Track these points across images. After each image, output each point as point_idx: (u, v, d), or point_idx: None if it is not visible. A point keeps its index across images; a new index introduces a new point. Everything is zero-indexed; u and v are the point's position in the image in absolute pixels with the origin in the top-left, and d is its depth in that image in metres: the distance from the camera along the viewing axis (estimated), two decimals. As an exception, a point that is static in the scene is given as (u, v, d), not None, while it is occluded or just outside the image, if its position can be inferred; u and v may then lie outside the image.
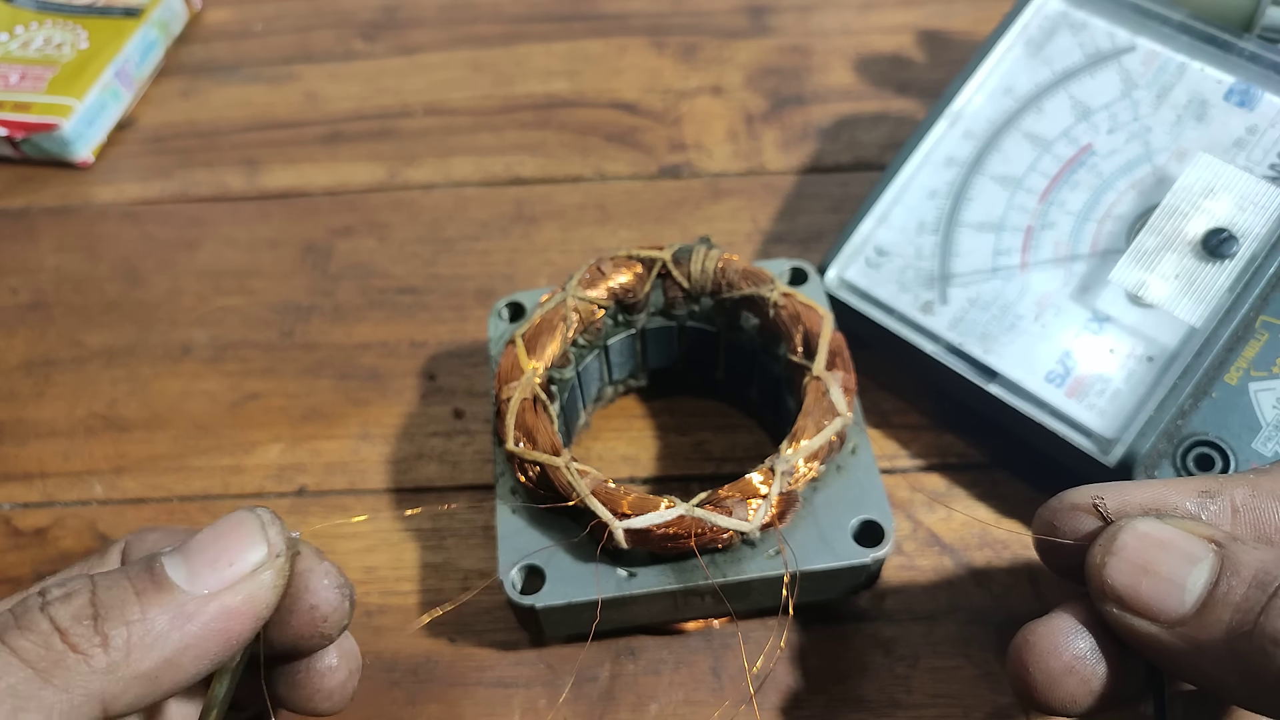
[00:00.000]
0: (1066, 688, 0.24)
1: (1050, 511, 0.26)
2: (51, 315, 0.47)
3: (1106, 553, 0.24)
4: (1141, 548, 0.23)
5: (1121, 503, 0.25)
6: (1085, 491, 0.25)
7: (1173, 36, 0.38)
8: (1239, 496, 0.25)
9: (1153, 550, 0.23)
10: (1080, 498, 0.25)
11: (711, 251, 0.36)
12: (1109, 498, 0.25)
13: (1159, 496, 0.25)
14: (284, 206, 0.51)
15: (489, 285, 0.47)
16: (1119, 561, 0.23)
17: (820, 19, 0.58)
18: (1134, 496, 0.25)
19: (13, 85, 0.53)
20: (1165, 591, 0.23)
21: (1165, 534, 0.23)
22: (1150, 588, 0.23)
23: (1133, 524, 0.24)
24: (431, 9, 0.61)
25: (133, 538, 0.29)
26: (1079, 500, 0.25)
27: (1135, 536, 0.24)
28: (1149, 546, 0.23)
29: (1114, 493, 0.25)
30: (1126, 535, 0.24)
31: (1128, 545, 0.24)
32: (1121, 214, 0.37)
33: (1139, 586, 0.23)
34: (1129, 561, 0.23)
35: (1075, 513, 0.25)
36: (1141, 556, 0.23)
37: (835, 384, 0.33)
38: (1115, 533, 0.24)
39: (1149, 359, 0.35)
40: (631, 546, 0.30)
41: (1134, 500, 0.25)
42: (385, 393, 0.43)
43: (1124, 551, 0.23)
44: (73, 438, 0.43)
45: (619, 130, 0.53)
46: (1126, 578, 0.23)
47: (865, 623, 0.36)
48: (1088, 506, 0.25)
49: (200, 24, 0.61)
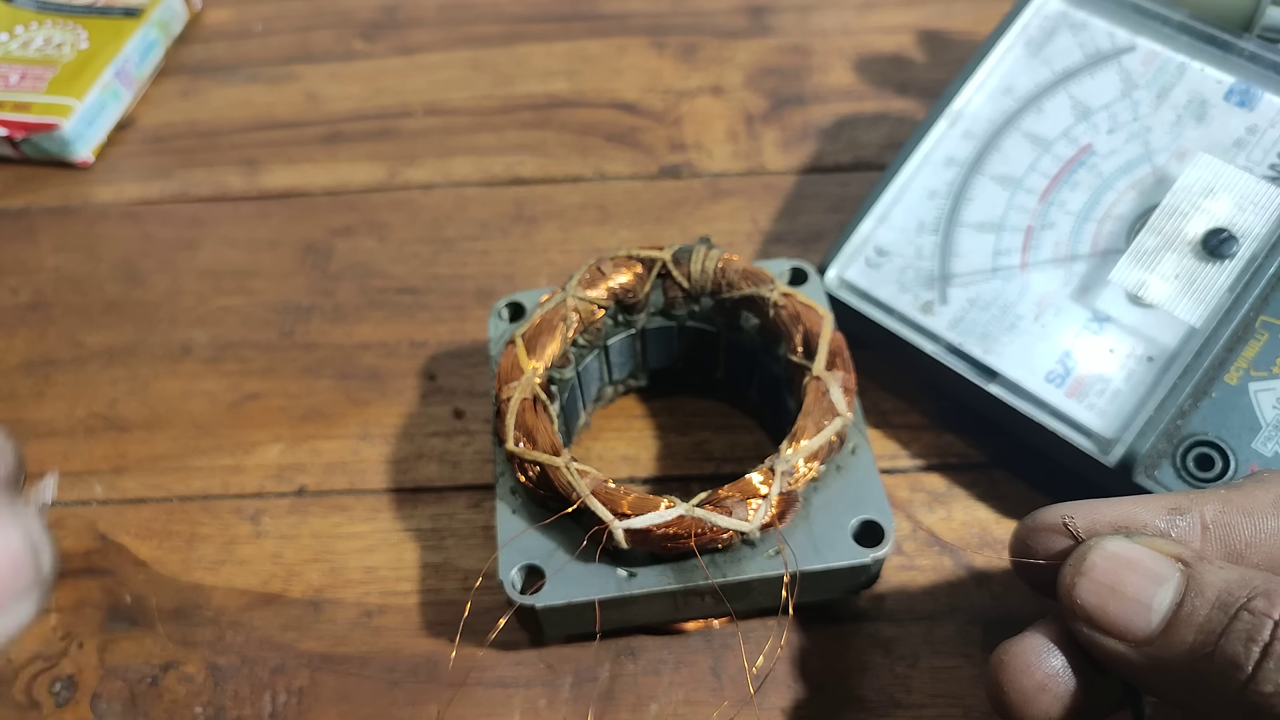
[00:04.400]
0: (1040, 705, 0.24)
1: (1024, 531, 0.26)
2: (51, 315, 0.47)
3: (1076, 573, 0.24)
4: (1110, 568, 0.24)
5: (1092, 521, 0.25)
6: (1056, 511, 0.26)
7: (1173, 36, 0.38)
8: (1209, 513, 0.25)
9: (1120, 570, 0.24)
10: (1051, 517, 0.26)
11: (711, 251, 0.36)
12: (1079, 516, 0.25)
13: (1129, 514, 0.25)
14: (284, 206, 0.51)
15: (489, 285, 0.47)
16: (1088, 581, 0.24)
17: (820, 19, 0.58)
18: (1104, 514, 0.25)
19: (13, 85, 0.53)
20: (1132, 611, 0.23)
21: (1133, 554, 0.24)
22: (1118, 608, 0.23)
23: (1102, 544, 0.24)
24: (431, 9, 0.61)
25: None
26: (1050, 520, 0.26)
27: (1104, 556, 0.24)
28: (1117, 566, 0.24)
29: (1085, 511, 0.25)
30: (1095, 555, 0.24)
31: (1096, 565, 0.24)
32: (1121, 214, 0.37)
33: (1107, 606, 0.23)
34: (1097, 581, 0.24)
35: (1047, 532, 0.26)
36: (1110, 576, 0.24)
37: (835, 384, 0.33)
38: (1085, 553, 0.24)
39: (1149, 359, 0.35)
40: (631, 546, 0.30)
41: (1104, 518, 0.25)
42: (385, 393, 0.43)
43: (1093, 571, 0.24)
44: (73, 438, 0.43)
45: (619, 130, 0.53)
46: (1095, 598, 0.24)
47: (865, 623, 0.36)
48: (1059, 526, 0.25)
49: (200, 24, 0.61)
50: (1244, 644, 0.21)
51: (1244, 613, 0.21)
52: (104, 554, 0.39)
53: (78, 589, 0.38)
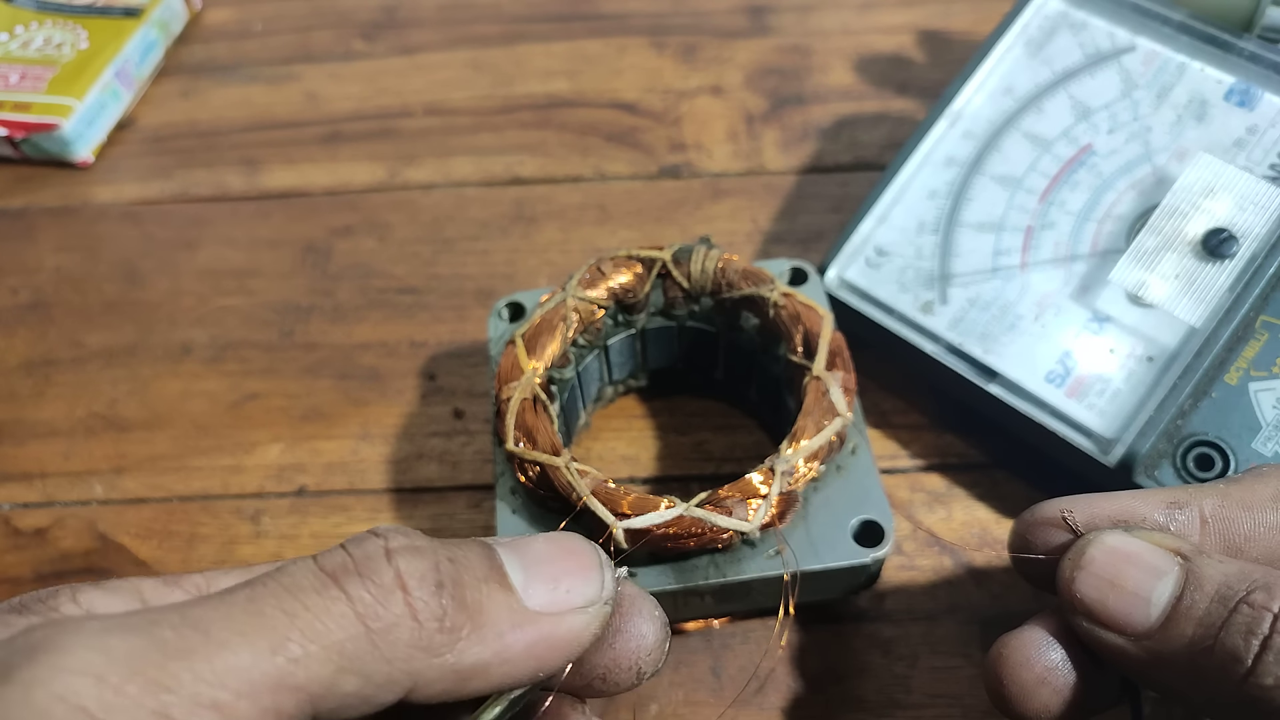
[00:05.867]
0: (1040, 698, 0.24)
1: (1023, 525, 0.26)
2: (51, 315, 0.47)
3: (1075, 567, 0.24)
4: (1109, 562, 0.24)
5: (1091, 515, 0.25)
6: (1055, 505, 0.26)
7: (1173, 36, 0.38)
8: (1208, 507, 0.25)
9: (1119, 564, 0.24)
10: (1050, 512, 0.26)
11: (711, 251, 0.36)
12: (1079, 510, 0.25)
13: (1128, 508, 0.25)
14: (284, 206, 0.51)
15: (489, 285, 0.47)
16: (1087, 576, 0.24)
17: (820, 19, 0.58)
18: (1103, 509, 0.25)
19: (13, 85, 0.53)
20: (1131, 605, 0.23)
21: (1132, 548, 0.24)
22: (1117, 601, 0.23)
23: (1100, 538, 0.24)
24: (431, 9, 0.61)
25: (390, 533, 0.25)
26: (1049, 514, 0.26)
27: (1102, 550, 0.24)
28: (1116, 560, 0.24)
29: (1084, 505, 0.25)
30: (1094, 549, 0.24)
31: (1095, 559, 0.24)
32: (1121, 214, 0.37)
33: (1106, 600, 0.23)
34: (1096, 576, 0.24)
35: (1046, 527, 0.26)
36: (1108, 571, 0.24)
37: (835, 384, 0.33)
38: (1084, 547, 0.24)
39: (1149, 359, 0.35)
40: (631, 546, 0.30)
41: (1103, 512, 0.25)
42: (385, 393, 0.43)
43: (1091, 565, 0.24)
44: (73, 438, 0.43)
45: (619, 130, 0.53)
46: (1094, 592, 0.24)
47: (865, 623, 0.36)
48: (1057, 520, 0.25)
49: (200, 24, 0.61)
50: (1243, 637, 0.21)
51: (1243, 606, 0.21)
52: (104, 554, 0.39)
53: (78, 589, 0.38)
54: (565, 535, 0.22)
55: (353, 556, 0.19)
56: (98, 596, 0.20)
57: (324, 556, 0.19)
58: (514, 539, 0.22)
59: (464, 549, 0.20)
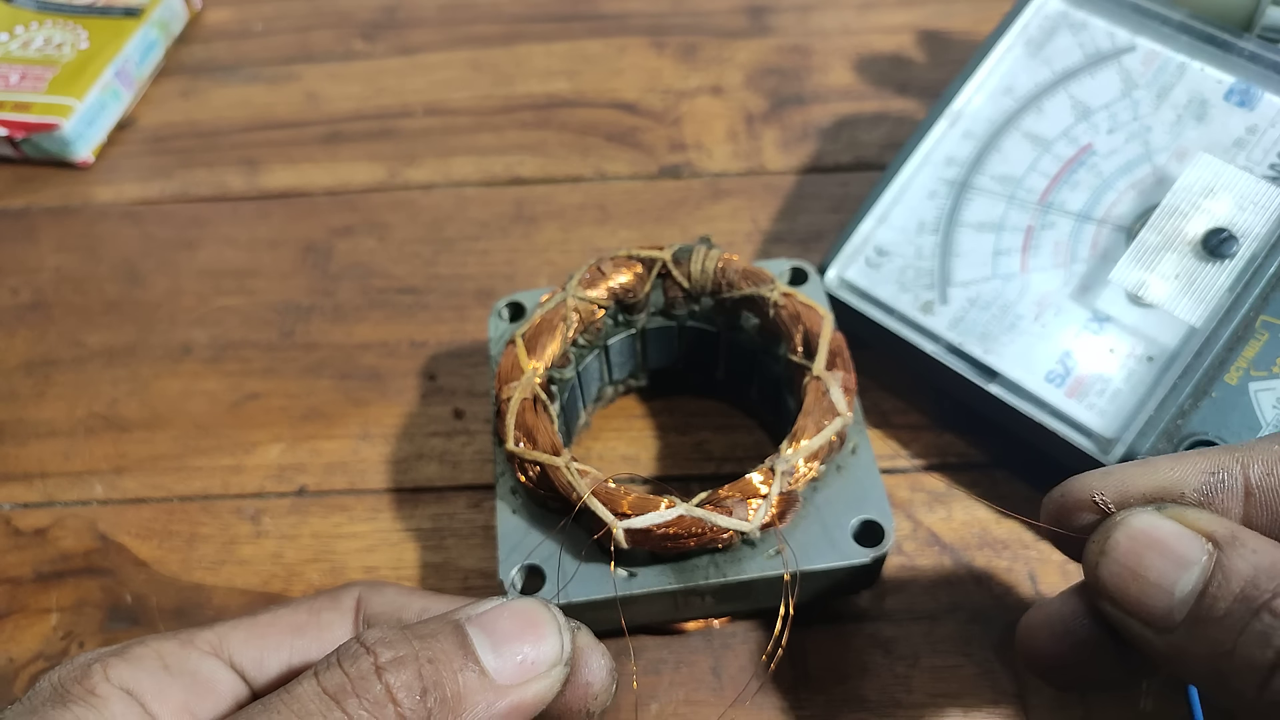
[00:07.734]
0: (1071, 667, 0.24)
1: (1054, 504, 0.25)
2: (51, 315, 0.47)
3: (1100, 552, 0.23)
4: (1133, 549, 0.23)
5: (1124, 491, 0.24)
6: (1087, 483, 0.25)
7: (1173, 36, 0.38)
8: (1255, 473, 0.23)
9: (1144, 551, 0.23)
10: (1080, 492, 0.25)
11: (711, 251, 0.36)
12: (1112, 483, 0.24)
13: (1164, 481, 0.24)
14: (284, 206, 0.51)
15: (489, 285, 0.47)
16: (1110, 562, 0.23)
17: (820, 19, 0.58)
18: (1137, 484, 0.24)
19: (13, 85, 0.53)
20: (1154, 596, 0.22)
21: (1159, 532, 0.23)
22: (1139, 591, 0.22)
23: (1128, 520, 0.23)
24: (431, 9, 0.61)
25: (367, 591, 0.28)
26: (1080, 496, 0.25)
27: (1128, 535, 0.23)
28: (1141, 547, 0.23)
29: (1117, 477, 0.24)
30: (1119, 534, 0.23)
31: (1120, 545, 0.23)
32: (1121, 214, 0.37)
33: (1129, 589, 0.23)
34: (1119, 562, 0.23)
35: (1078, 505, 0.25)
36: (1132, 559, 0.23)
37: (835, 384, 0.33)
38: (1110, 530, 0.23)
39: (1149, 359, 0.35)
40: (631, 546, 0.30)
41: (1136, 488, 0.24)
42: (385, 393, 0.43)
43: (1115, 551, 0.23)
44: (73, 438, 0.43)
45: (619, 130, 0.53)
46: (1117, 579, 0.23)
47: (865, 623, 0.36)
48: (1088, 504, 0.24)
49: (200, 24, 0.61)
50: (1260, 648, 0.20)
51: (1264, 613, 0.20)
52: (104, 554, 0.39)
53: (78, 589, 0.38)
54: (527, 605, 0.25)
55: (349, 677, 0.22)
56: (126, 672, 0.23)
57: (324, 676, 0.22)
58: (482, 613, 0.24)
59: (440, 642, 0.23)
